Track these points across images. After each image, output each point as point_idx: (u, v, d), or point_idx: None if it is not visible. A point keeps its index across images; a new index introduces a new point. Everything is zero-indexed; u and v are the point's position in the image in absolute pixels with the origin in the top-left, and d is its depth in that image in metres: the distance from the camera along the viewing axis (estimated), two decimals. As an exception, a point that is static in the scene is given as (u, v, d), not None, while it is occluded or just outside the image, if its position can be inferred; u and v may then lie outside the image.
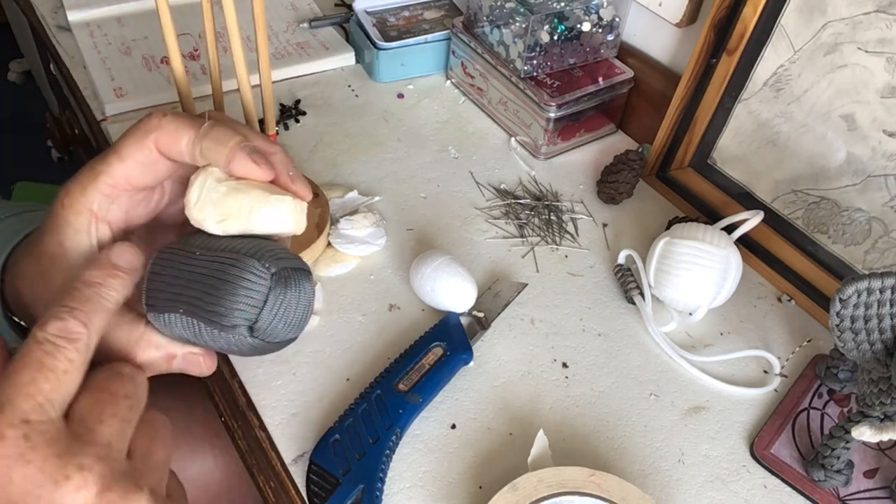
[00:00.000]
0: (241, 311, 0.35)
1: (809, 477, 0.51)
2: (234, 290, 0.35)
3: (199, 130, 0.37)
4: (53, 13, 0.85)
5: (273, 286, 0.35)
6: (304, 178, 0.40)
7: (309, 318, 0.38)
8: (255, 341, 0.36)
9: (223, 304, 0.35)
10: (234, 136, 0.37)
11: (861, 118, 0.57)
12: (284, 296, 0.36)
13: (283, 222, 0.37)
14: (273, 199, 0.37)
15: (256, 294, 0.35)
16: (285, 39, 0.85)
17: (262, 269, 0.35)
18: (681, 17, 0.69)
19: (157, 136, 0.37)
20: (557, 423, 0.53)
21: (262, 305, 0.35)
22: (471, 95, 0.81)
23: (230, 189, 0.36)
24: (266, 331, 0.36)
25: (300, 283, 0.37)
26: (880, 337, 0.43)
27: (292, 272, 0.36)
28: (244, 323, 0.35)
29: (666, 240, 0.59)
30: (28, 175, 1.65)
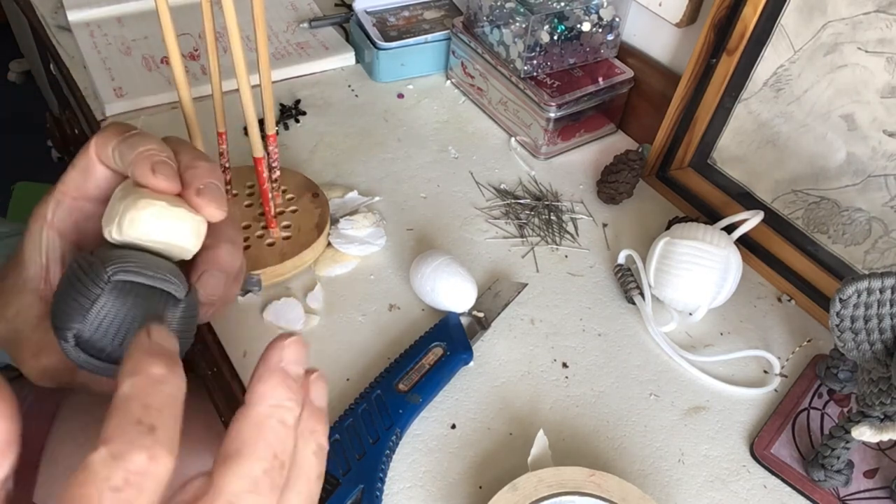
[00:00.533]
0: (68, 315, 0.32)
1: (809, 477, 0.51)
2: (69, 292, 0.32)
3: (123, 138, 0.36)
4: (53, 13, 0.85)
5: (103, 294, 0.32)
6: (219, 195, 0.36)
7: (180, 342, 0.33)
8: (84, 357, 0.32)
9: (59, 305, 0.32)
10: (148, 144, 0.35)
11: (861, 118, 0.57)
12: (116, 308, 0.32)
13: (158, 230, 0.34)
14: (142, 202, 0.33)
15: (84, 299, 0.32)
16: (285, 39, 0.85)
17: (101, 273, 0.32)
18: (681, 17, 0.69)
19: (94, 140, 0.37)
20: (557, 423, 0.53)
21: (87, 312, 0.32)
22: (471, 95, 0.81)
23: (121, 195, 0.34)
24: (91, 343, 0.32)
25: (144, 301, 0.33)
26: (880, 337, 0.43)
27: (136, 287, 0.32)
28: (71, 329, 0.32)
29: (666, 240, 0.59)
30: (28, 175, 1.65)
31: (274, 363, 0.28)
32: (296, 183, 0.64)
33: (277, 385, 0.28)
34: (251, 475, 0.26)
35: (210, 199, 0.35)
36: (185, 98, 0.49)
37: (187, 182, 0.35)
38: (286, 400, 0.28)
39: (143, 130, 0.37)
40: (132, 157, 0.35)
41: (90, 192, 0.38)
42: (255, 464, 0.26)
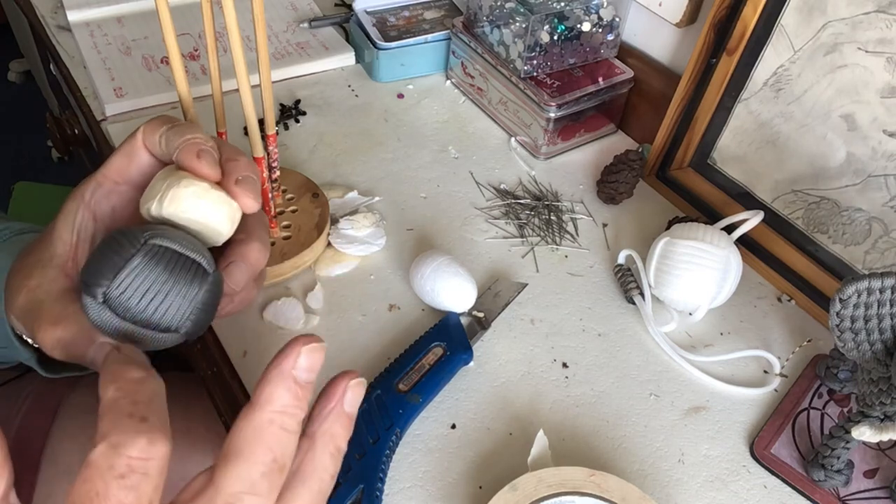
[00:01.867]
0: (99, 272, 0.33)
1: (809, 477, 0.51)
2: (104, 251, 0.33)
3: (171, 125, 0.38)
4: (53, 13, 0.85)
5: (137, 254, 0.33)
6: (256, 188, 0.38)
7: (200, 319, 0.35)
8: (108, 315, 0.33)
9: (92, 263, 0.33)
10: (195, 133, 0.37)
11: (861, 118, 0.57)
12: (147, 270, 0.33)
13: (196, 210, 0.35)
14: (184, 181, 0.35)
15: (118, 258, 0.33)
16: (285, 39, 0.85)
17: (138, 235, 0.33)
18: (681, 17, 0.69)
19: (143, 127, 0.39)
20: (557, 423, 0.53)
21: (119, 270, 0.33)
22: (471, 95, 0.81)
23: (164, 175, 0.36)
24: (117, 301, 0.33)
25: (177, 268, 0.34)
26: (880, 337, 0.43)
27: (171, 253, 0.34)
28: (100, 285, 0.32)
29: (666, 240, 0.59)
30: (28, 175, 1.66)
31: (286, 368, 0.28)
32: (296, 183, 0.64)
33: (285, 391, 0.28)
34: (250, 477, 0.27)
35: (248, 189, 0.37)
36: (185, 98, 0.49)
37: (228, 172, 0.37)
38: (291, 406, 0.28)
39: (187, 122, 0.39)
40: (178, 142, 0.37)
41: (132, 176, 0.40)
42: (253, 466, 0.27)
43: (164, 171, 0.37)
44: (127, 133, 0.40)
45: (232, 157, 0.38)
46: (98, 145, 0.78)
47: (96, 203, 0.40)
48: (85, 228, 0.39)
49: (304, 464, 0.30)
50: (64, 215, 0.39)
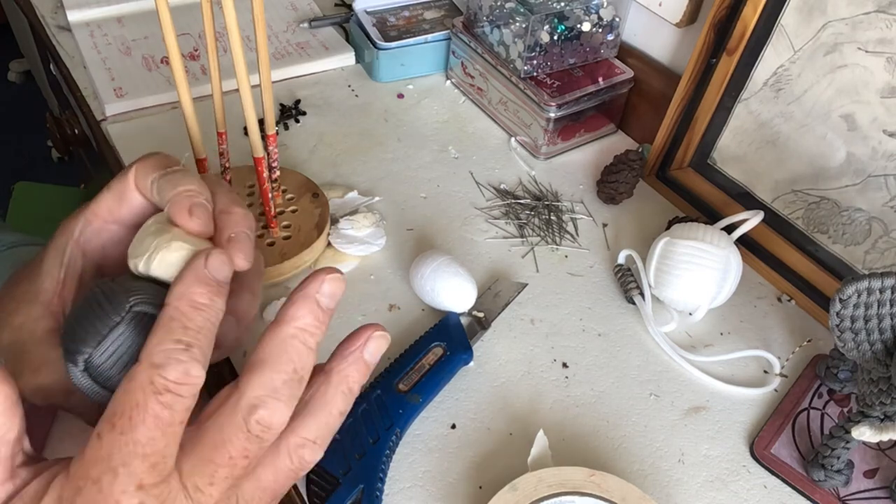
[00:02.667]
0: (82, 339, 0.32)
1: (809, 477, 0.51)
2: (87, 315, 0.32)
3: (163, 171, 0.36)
4: (53, 13, 0.85)
5: (122, 322, 0.32)
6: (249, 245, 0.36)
7: None
8: (89, 383, 0.32)
9: (75, 327, 0.32)
10: (189, 184, 0.35)
11: (861, 118, 0.57)
12: (131, 339, 0.32)
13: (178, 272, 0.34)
14: (174, 244, 0.33)
15: (102, 325, 0.32)
16: (285, 39, 0.85)
17: (123, 302, 0.32)
18: (681, 17, 0.69)
19: (136, 167, 0.37)
20: (557, 423, 0.53)
21: (103, 339, 0.32)
22: (471, 95, 0.81)
23: (154, 230, 0.34)
24: (100, 370, 0.32)
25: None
26: (880, 337, 0.43)
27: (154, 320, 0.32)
28: (83, 353, 0.32)
29: (666, 240, 0.59)
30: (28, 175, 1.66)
31: (311, 291, 0.32)
32: (296, 183, 0.64)
33: (307, 311, 0.32)
34: (272, 383, 0.30)
35: (239, 248, 0.36)
36: (185, 98, 0.49)
37: (220, 227, 0.36)
38: (312, 325, 0.32)
39: (185, 167, 0.37)
40: (171, 194, 0.35)
41: (122, 217, 0.38)
42: (277, 374, 0.30)
43: (153, 222, 0.35)
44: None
45: (226, 208, 0.36)
46: (98, 145, 0.78)
47: (86, 241, 0.38)
48: (73, 265, 0.38)
49: (317, 396, 0.32)
50: (53, 249, 0.38)
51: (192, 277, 0.32)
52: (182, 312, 0.31)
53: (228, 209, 0.37)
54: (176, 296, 0.31)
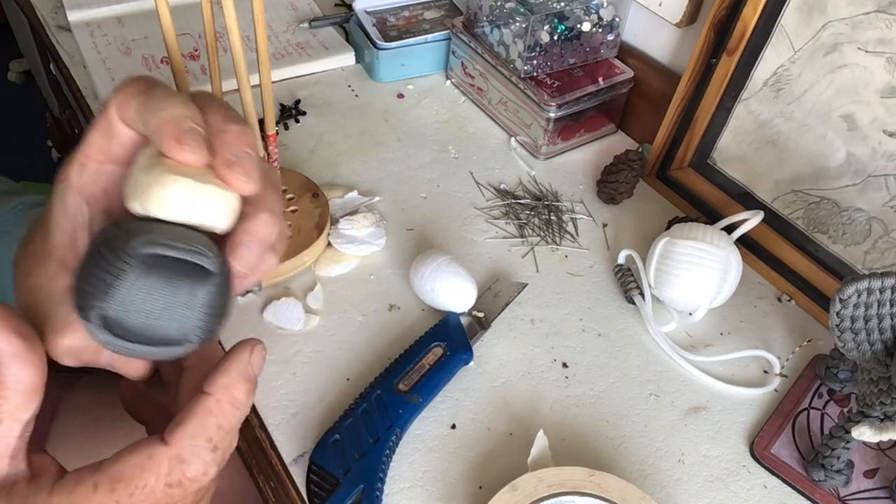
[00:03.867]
0: (91, 293, 0.30)
1: (809, 477, 0.51)
2: (91, 269, 0.30)
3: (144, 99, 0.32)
4: (53, 13, 0.85)
5: (129, 269, 0.29)
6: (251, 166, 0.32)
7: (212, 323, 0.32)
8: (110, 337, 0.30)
9: (81, 283, 0.30)
10: (174, 108, 0.31)
11: (861, 118, 0.57)
12: (141, 284, 0.29)
13: (186, 209, 0.31)
14: (168, 179, 0.30)
15: (108, 275, 0.29)
16: (285, 39, 0.85)
17: (126, 247, 0.29)
18: (681, 17, 0.69)
19: (115, 97, 0.33)
20: (557, 423, 0.53)
21: (112, 289, 0.29)
22: (471, 95, 0.81)
23: (146, 166, 0.31)
24: (117, 322, 0.30)
25: (175, 277, 0.30)
26: (880, 337, 0.43)
27: (166, 261, 0.30)
28: (95, 308, 0.30)
29: (666, 240, 0.59)
30: (28, 175, 1.65)
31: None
32: (296, 183, 0.64)
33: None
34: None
35: (242, 172, 0.32)
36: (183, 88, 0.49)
37: (217, 150, 0.32)
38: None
39: (166, 85, 0.33)
40: (155, 123, 0.31)
41: (115, 154, 0.34)
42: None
43: (144, 156, 0.32)
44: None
45: (220, 127, 0.32)
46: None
47: (84, 186, 0.35)
48: (81, 213, 0.35)
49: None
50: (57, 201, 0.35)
51: (237, 373, 0.32)
52: (221, 409, 0.31)
53: (223, 127, 0.32)
54: (219, 387, 0.31)
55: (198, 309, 0.31)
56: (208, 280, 0.31)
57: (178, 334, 0.31)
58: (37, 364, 0.30)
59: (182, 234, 0.31)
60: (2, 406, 0.30)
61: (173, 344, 0.31)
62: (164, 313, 0.30)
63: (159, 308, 0.30)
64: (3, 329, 0.29)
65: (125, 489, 0.29)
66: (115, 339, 0.30)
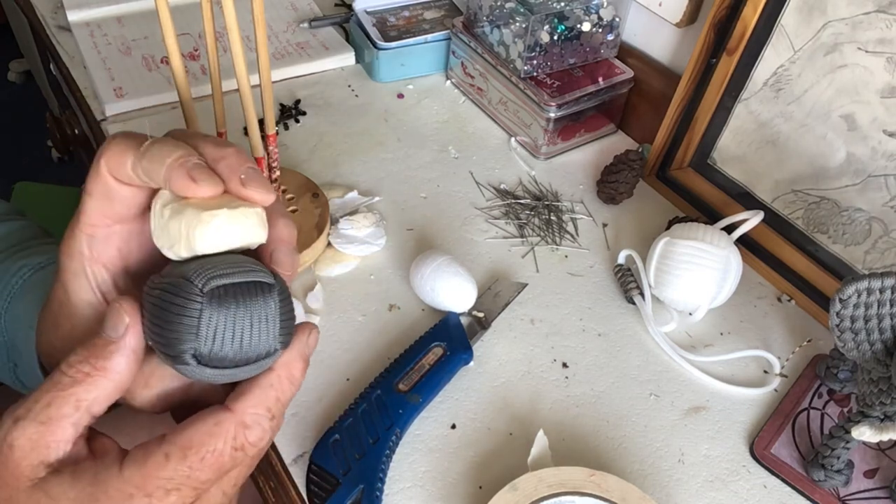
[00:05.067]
0: (178, 339, 0.32)
1: (809, 477, 0.51)
2: (168, 317, 0.32)
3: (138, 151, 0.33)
4: (53, 13, 0.85)
5: (205, 305, 0.32)
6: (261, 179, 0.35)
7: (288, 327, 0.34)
8: (210, 371, 0.33)
9: (164, 333, 0.32)
10: (173, 152, 0.33)
11: (861, 118, 0.57)
12: (221, 315, 0.32)
13: (231, 236, 0.34)
14: (205, 216, 0.33)
15: (188, 318, 0.32)
16: (285, 39, 0.85)
17: (193, 289, 0.32)
18: (681, 17, 0.69)
19: (105, 161, 0.34)
20: (557, 423, 0.53)
21: (197, 329, 0.32)
22: (471, 95, 0.81)
23: (172, 213, 0.33)
24: (211, 356, 0.32)
25: (246, 298, 0.33)
26: (880, 337, 0.43)
27: (233, 288, 0.33)
28: (187, 350, 0.32)
29: (666, 240, 0.59)
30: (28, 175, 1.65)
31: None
32: (296, 183, 0.64)
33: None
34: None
35: (257, 186, 0.34)
36: (185, 98, 0.49)
37: (226, 176, 0.34)
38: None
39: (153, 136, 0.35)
40: (164, 172, 0.33)
41: (120, 214, 0.36)
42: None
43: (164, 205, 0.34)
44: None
45: (218, 154, 0.34)
46: (98, 145, 0.77)
47: (99, 254, 0.36)
48: (104, 283, 0.37)
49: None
50: (72, 279, 0.36)
51: (297, 351, 0.34)
52: (281, 383, 0.34)
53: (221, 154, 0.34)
54: (280, 364, 0.34)
55: (273, 320, 0.34)
56: (272, 292, 0.34)
57: (265, 348, 0.34)
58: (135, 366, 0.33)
59: (233, 260, 0.34)
60: (89, 390, 0.32)
61: (263, 357, 0.34)
62: (248, 333, 0.33)
63: (242, 330, 0.33)
64: (132, 325, 0.33)
65: (196, 454, 0.31)
66: (214, 371, 0.33)
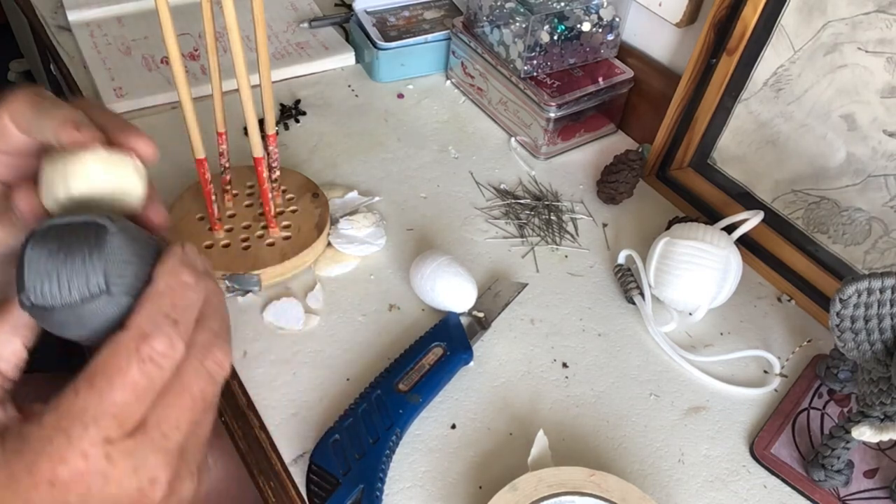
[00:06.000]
0: (18, 286, 0.32)
1: (809, 477, 0.51)
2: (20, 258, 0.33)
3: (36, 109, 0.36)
4: (53, 13, 0.85)
5: (28, 247, 0.32)
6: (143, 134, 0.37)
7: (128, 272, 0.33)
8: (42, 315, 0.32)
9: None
10: (65, 111, 0.36)
11: (861, 118, 0.57)
12: (37, 254, 0.32)
13: (104, 178, 0.35)
14: (81, 154, 0.34)
15: (19, 262, 0.32)
16: (285, 39, 0.85)
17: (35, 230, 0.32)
18: (681, 17, 0.69)
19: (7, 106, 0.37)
20: (557, 423, 0.53)
21: (22, 269, 0.32)
22: (471, 95, 0.81)
23: (53, 160, 0.35)
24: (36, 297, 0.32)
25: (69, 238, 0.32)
26: (880, 337, 0.43)
27: (56, 229, 0.32)
28: (21, 295, 0.32)
29: (666, 240, 0.59)
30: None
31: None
32: (296, 183, 0.64)
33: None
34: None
35: (138, 135, 0.36)
36: (185, 98, 0.49)
37: (110, 130, 0.36)
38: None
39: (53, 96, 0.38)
40: (51, 124, 0.35)
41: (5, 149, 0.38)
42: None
43: (49, 159, 0.35)
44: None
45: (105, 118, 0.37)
46: (98, 145, 0.77)
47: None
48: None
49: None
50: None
51: (176, 260, 0.34)
52: (171, 288, 0.33)
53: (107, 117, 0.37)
54: (164, 275, 0.33)
55: (98, 259, 0.32)
56: (104, 233, 0.33)
57: (89, 289, 0.32)
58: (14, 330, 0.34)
59: (87, 208, 0.34)
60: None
61: (90, 300, 0.32)
62: (66, 272, 0.32)
63: (57, 269, 0.32)
64: None
65: (102, 378, 0.30)
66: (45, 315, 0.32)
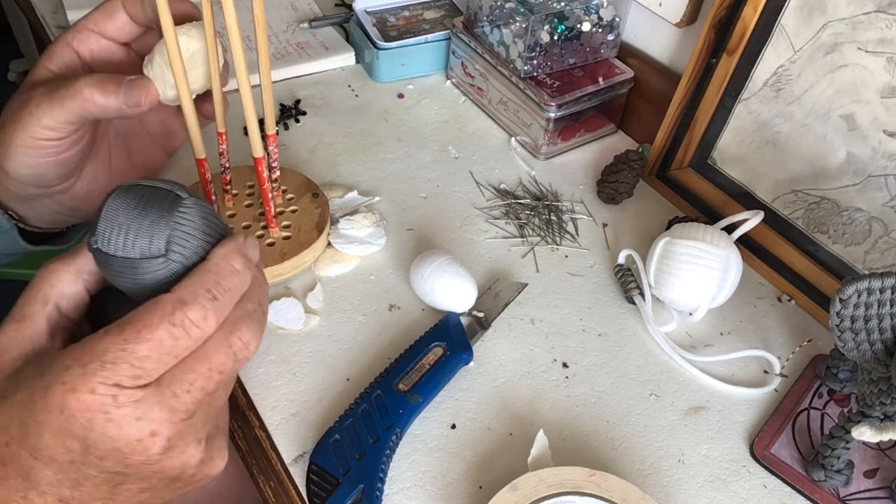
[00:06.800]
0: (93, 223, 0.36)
1: (809, 477, 0.51)
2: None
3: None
4: (53, 13, 0.85)
5: (108, 200, 0.36)
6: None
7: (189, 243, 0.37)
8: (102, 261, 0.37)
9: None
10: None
11: (861, 118, 0.57)
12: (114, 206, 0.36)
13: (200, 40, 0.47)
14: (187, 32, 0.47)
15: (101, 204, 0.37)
16: (285, 39, 0.85)
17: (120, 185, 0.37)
18: (681, 17, 0.69)
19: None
20: (557, 423, 0.53)
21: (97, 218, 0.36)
22: (471, 95, 0.81)
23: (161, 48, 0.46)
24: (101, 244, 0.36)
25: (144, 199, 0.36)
26: (880, 337, 0.43)
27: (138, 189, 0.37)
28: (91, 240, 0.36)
29: (666, 240, 0.59)
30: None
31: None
32: (296, 183, 0.64)
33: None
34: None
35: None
36: (185, 98, 0.49)
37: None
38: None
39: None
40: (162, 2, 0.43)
41: (108, 31, 0.48)
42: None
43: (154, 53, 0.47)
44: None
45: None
46: (98, 145, 0.77)
47: (78, 44, 0.48)
48: (71, 63, 0.48)
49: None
50: (51, 54, 0.48)
51: (233, 245, 0.37)
52: (220, 269, 0.36)
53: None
54: (217, 256, 0.36)
55: (163, 226, 0.36)
56: (179, 203, 0.37)
57: (150, 249, 0.36)
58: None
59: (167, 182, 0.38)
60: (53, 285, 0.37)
61: (148, 258, 0.36)
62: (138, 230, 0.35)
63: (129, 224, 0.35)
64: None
65: (132, 328, 0.32)
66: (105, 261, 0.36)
